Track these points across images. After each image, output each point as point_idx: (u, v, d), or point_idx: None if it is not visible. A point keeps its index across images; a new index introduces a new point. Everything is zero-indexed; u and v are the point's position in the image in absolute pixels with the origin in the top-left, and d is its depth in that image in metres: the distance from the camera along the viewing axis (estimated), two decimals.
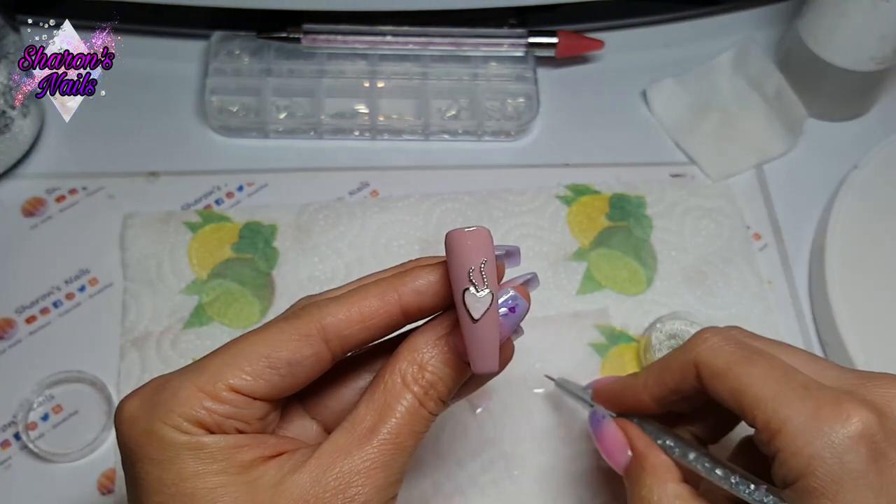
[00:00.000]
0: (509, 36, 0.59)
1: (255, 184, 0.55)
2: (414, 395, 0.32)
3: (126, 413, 0.31)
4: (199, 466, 0.30)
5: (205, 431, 0.31)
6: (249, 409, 0.31)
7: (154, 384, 0.32)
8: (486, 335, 0.31)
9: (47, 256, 0.52)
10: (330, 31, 0.58)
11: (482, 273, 0.30)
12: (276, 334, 0.32)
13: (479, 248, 0.30)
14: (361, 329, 0.32)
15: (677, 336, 0.49)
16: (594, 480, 0.46)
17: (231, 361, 0.31)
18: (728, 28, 0.64)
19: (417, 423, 0.32)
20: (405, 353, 0.33)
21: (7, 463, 0.46)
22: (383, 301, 0.32)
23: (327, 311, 0.32)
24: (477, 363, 0.31)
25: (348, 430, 0.32)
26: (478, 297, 0.30)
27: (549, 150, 0.58)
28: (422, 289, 0.32)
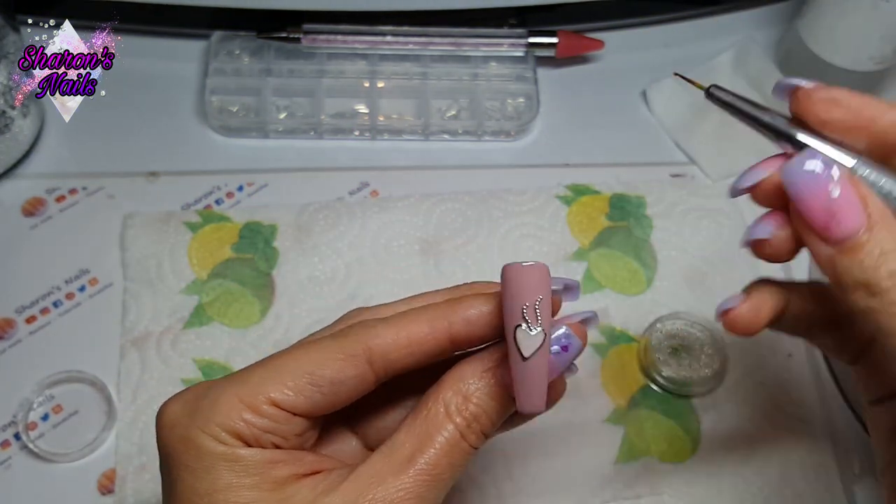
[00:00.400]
0: (509, 36, 0.59)
1: (255, 184, 0.55)
2: (456, 427, 0.31)
3: (166, 417, 0.31)
4: (234, 479, 0.30)
5: (242, 444, 0.30)
6: (288, 424, 0.31)
7: (196, 390, 0.32)
8: (535, 374, 0.30)
9: (47, 256, 0.52)
10: (330, 31, 0.58)
11: (536, 311, 0.30)
12: (322, 352, 0.31)
13: (535, 285, 0.30)
14: (408, 354, 0.32)
15: (677, 336, 0.50)
16: (595, 480, 0.46)
17: (274, 375, 0.31)
18: (728, 28, 0.64)
19: (456, 456, 0.32)
20: (450, 383, 0.32)
21: (7, 463, 0.46)
22: (433, 328, 0.32)
23: (375, 333, 0.32)
24: (523, 402, 0.30)
25: (386, 456, 0.31)
26: (530, 335, 0.30)
27: (549, 150, 0.58)
28: (473, 319, 0.32)
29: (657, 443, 0.48)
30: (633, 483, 0.46)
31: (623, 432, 0.48)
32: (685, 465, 0.47)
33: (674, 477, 0.47)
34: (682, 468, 0.47)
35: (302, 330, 0.50)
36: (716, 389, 0.49)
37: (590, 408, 0.48)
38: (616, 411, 0.48)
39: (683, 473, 0.47)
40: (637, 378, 0.50)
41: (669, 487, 0.46)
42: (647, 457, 0.47)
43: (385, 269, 0.52)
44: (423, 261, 0.53)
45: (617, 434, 0.48)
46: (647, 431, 0.48)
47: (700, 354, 0.49)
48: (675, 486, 0.46)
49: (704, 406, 0.49)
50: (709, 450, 0.48)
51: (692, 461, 0.47)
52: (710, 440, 0.48)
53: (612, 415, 0.48)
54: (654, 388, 0.49)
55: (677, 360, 0.49)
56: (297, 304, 0.51)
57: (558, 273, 0.53)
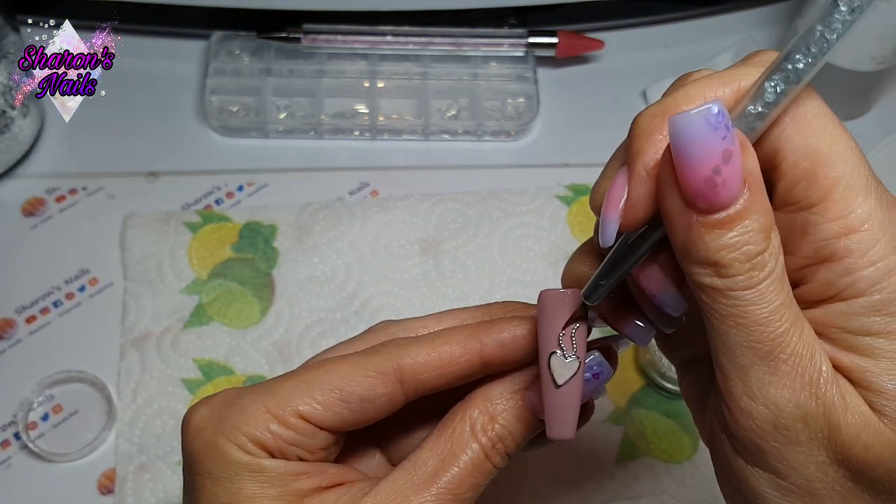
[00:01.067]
0: (509, 36, 0.59)
1: (255, 184, 0.55)
2: (481, 447, 0.31)
3: (193, 422, 0.31)
4: (257, 490, 0.30)
5: (267, 455, 0.30)
6: (314, 438, 0.31)
7: (225, 397, 0.32)
8: (568, 402, 0.30)
9: (47, 256, 0.52)
10: (330, 31, 0.58)
11: (573, 338, 0.29)
12: (352, 367, 0.31)
13: (571, 313, 0.29)
14: (439, 375, 0.31)
15: None
16: (595, 480, 0.46)
17: (304, 388, 0.31)
18: (728, 28, 0.64)
19: (479, 476, 0.31)
20: (478, 402, 0.32)
21: (7, 463, 0.46)
22: (465, 349, 0.31)
23: (406, 353, 0.31)
24: (553, 429, 0.30)
25: (409, 472, 0.31)
26: (564, 363, 0.29)
27: (549, 150, 0.58)
28: (506, 342, 0.31)
29: (657, 443, 0.48)
30: (633, 483, 0.46)
31: (623, 432, 0.48)
32: (685, 465, 0.47)
33: (674, 477, 0.47)
34: (682, 468, 0.47)
35: (302, 330, 0.50)
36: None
37: None
38: (616, 411, 0.48)
39: (683, 473, 0.47)
40: (637, 378, 0.50)
41: (669, 487, 0.46)
42: (647, 457, 0.47)
43: (385, 269, 0.52)
44: (423, 261, 0.53)
45: (617, 434, 0.48)
46: (647, 431, 0.48)
47: None
48: (675, 486, 0.46)
49: None
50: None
51: (692, 461, 0.47)
52: None
53: (612, 415, 0.48)
54: (653, 388, 0.49)
55: None
56: (297, 303, 0.51)
57: (559, 273, 0.53)
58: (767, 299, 0.25)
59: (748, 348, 0.25)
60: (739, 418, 0.26)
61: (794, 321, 0.25)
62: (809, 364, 0.25)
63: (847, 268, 0.25)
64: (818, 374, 0.25)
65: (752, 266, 0.25)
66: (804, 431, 0.26)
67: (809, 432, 0.26)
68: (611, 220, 0.27)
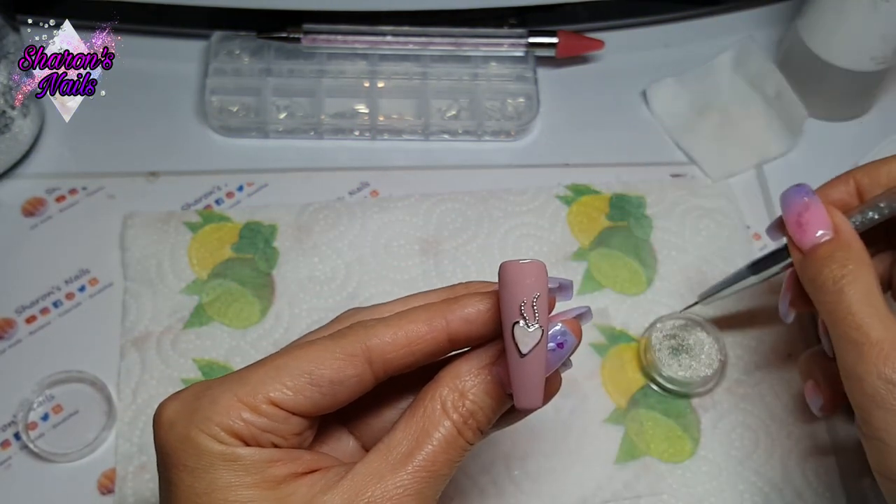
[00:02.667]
0: (509, 36, 0.59)
1: (255, 184, 0.55)
2: (452, 423, 0.32)
3: (165, 416, 0.31)
4: (232, 478, 0.30)
5: (241, 443, 0.31)
6: (287, 424, 0.31)
7: (195, 389, 0.32)
8: (533, 370, 0.30)
9: (47, 256, 0.52)
10: (330, 31, 0.58)
11: (534, 307, 0.30)
12: (321, 352, 0.32)
13: (533, 282, 0.30)
14: (406, 353, 0.32)
15: (677, 336, 0.49)
16: (595, 480, 0.46)
17: (273, 375, 0.31)
18: (728, 28, 0.64)
19: (453, 452, 0.32)
20: (447, 380, 0.32)
21: (7, 463, 0.46)
22: (430, 327, 0.32)
23: (374, 333, 0.32)
24: (521, 398, 0.31)
25: (383, 454, 0.31)
26: (527, 332, 0.30)
27: (549, 150, 0.58)
28: (470, 317, 0.32)
29: (657, 443, 0.48)
30: (633, 483, 0.46)
31: (623, 432, 0.48)
32: (685, 465, 0.47)
33: (674, 477, 0.47)
34: (682, 468, 0.47)
35: (302, 330, 0.50)
36: (716, 389, 0.49)
37: (590, 408, 0.48)
38: (616, 411, 0.48)
39: (683, 473, 0.47)
40: (637, 378, 0.50)
41: (669, 487, 0.46)
42: (647, 457, 0.47)
43: (385, 269, 0.52)
44: (423, 261, 0.53)
45: (617, 434, 0.48)
46: (647, 431, 0.48)
47: (700, 354, 0.49)
48: (675, 486, 0.46)
49: (704, 406, 0.49)
50: (709, 450, 0.48)
51: (692, 461, 0.47)
52: (710, 440, 0.48)
53: (612, 415, 0.48)
54: (654, 388, 0.49)
55: (677, 360, 0.49)
56: (297, 303, 0.51)
57: (558, 273, 0.53)
58: None
59: None
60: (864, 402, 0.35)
61: None
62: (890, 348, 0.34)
63: None
64: None
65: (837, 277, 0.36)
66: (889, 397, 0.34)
67: None
68: None
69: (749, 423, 0.48)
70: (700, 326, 0.50)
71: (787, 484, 0.47)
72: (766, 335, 0.51)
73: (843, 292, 0.36)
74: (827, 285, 0.36)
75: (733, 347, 0.50)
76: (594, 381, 0.49)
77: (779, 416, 0.49)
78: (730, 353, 0.50)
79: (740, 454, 0.47)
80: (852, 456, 0.48)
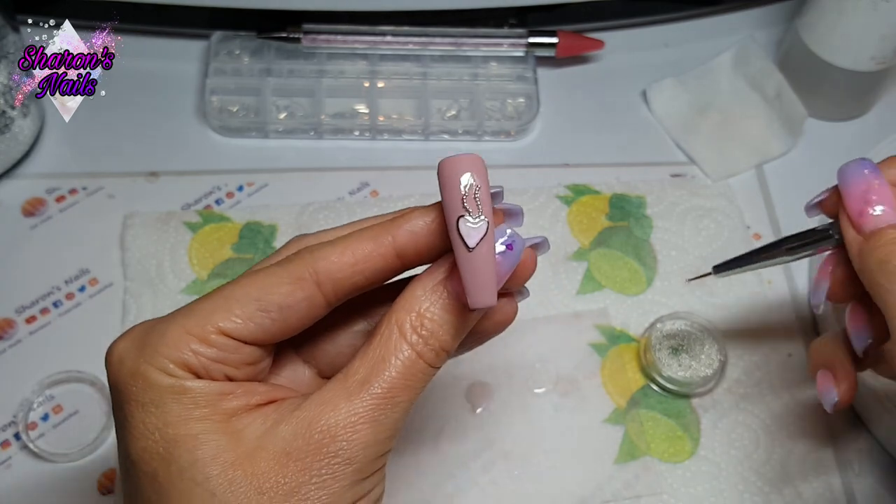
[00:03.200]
0: (509, 36, 0.59)
1: (255, 184, 0.55)
2: (411, 346, 0.31)
3: (115, 354, 0.31)
4: (183, 412, 0.30)
5: (191, 375, 0.30)
6: (239, 353, 0.31)
7: (144, 326, 0.31)
8: (483, 265, 0.29)
9: (47, 256, 0.52)
10: (330, 31, 0.58)
11: (476, 200, 0.29)
12: (268, 277, 0.31)
13: (472, 174, 0.29)
14: (355, 273, 0.31)
15: (677, 336, 0.49)
16: (595, 480, 0.46)
17: (221, 304, 0.31)
18: (728, 28, 0.64)
19: (413, 377, 0.31)
20: (402, 303, 0.31)
21: (7, 463, 0.46)
22: (377, 244, 0.31)
23: (320, 255, 0.31)
24: (473, 296, 0.30)
25: (340, 382, 0.31)
26: (473, 226, 0.29)
27: (549, 150, 0.58)
28: (416, 229, 0.31)
29: (657, 443, 0.48)
30: (633, 483, 0.46)
31: (623, 432, 0.48)
32: (685, 465, 0.47)
33: (674, 477, 0.47)
34: (682, 468, 0.47)
35: None
36: (716, 389, 0.49)
37: (590, 408, 0.48)
38: (616, 411, 0.48)
39: (683, 473, 0.47)
40: (637, 378, 0.50)
41: (669, 487, 0.46)
42: (647, 457, 0.47)
43: None
44: None
45: (617, 434, 0.48)
46: (647, 431, 0.48)
47: (700, 354, 0.49)
48: (675, 486, 0.46)
49: (704, 406, 0.49)
50: (709, 450, 0.48)
51: (692, 461, 0.47)
52: (710, 440, 0.48)
53: (612, 415, 0.48)
54: (654, 388, 0.49)
55: (677, 360, 0.49)
56: None
57: (559, 273, 0.53)
58: None
59: None
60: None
61: None
62: None
63: None
64: None
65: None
66: None
67: None
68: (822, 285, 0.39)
69: (749, 423, 0.48)
70: (700, 326, 0.50)
71: (787, 484, 0.47)
72: (766, 335, 0.51)
73: None
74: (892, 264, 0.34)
75: (733, 347, 0.50)
76: (594, 381, 0.49)
77: (779, 416, 0.49)
78: (730, 353, 0.50)
79: (740, 454, 0.47)
80: (852, 455, 0.48)
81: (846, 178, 0.36)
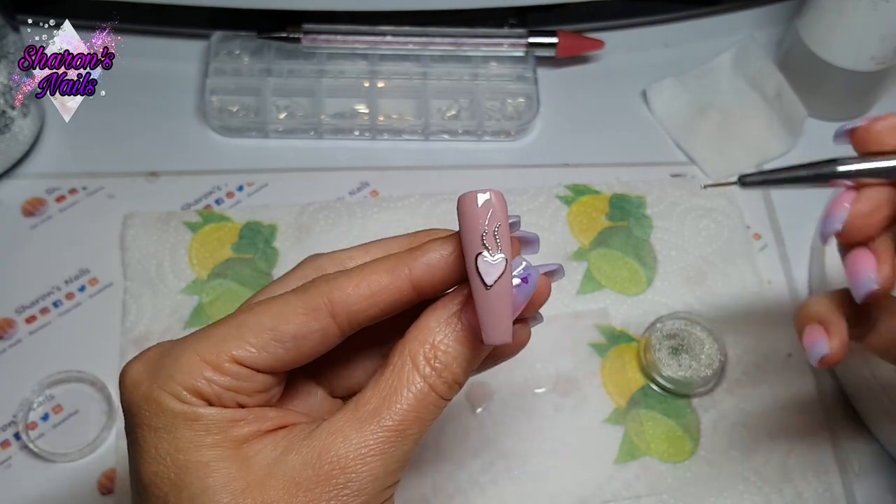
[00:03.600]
0: (509, 36, 0.59)
1: (255, 184, 0.55)
2: (424, 379, 0.31)
3: (129, 377, 0.31)
4: (194, 438, 0.30)
5: (203, 402, 0.30)
6: (251, 381, 0.31)
7: (158, 349, 0.31)
8: (500, 302, 0.29)
9: (47, 256, 0.52)
10: (330, 31, 0.58)
11: (496, 237, 0.29)
12: (283, 306, 0.31)
13: (493, 212, 0.29)
14: (371, 305, 0.31)
15: (677, 336, 0.49)
16: (595, 480, 0.46)
17: (235, 332, 0.30)
18: (728, 28, 0.64)
19: (425, 409, 0.31)
20: (415, 333, 0.31)
21: (7, 463, 0.46)
22: (394, 276, 0.31)
23: (336, 285, 0.31)
24: (489, 333, 0.29)
25: (351, 412, 0.30)
26: (491, 262, 0.29)
27: (549, 150, 0.58)
28: (433, 262, 0.31)
29: (657, 443, 0.48)
30: (633, 483, 0.46)
31: (623, 432, 0.48)
32: (685, 465, 0.47)
33: (674, 477, 0.47)
34: (682, 468, 0.47)
35: None
36: (716, 389, 0.49)
37: (590, 408, 0.48)
38: (616, 411, 0.48)
39: (683, 473, 0.47)
40: (637, 378, 0.50)
41: (669, 487, 0.46)
42: (647, 457, 0.47)
43: None
44: None
45: (617, 434, 0.48)
46: (647, 431, 0.48)
47: (700, 354, 0.49)
48: (675, 486, 0.46)
49: (704, 406, 0.49)
50: (709, 450, 0.48)
51: (692, 461, 0.47)
52: (710, 440, 0.48)
53: (612, 415, 0.48)
54: (654, 388, 0.49)
55: (677, 360, 0.49)
56: None
57: None
58: None
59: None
60: None
61: None
62: None
63: None
64: None
65: None
66: None
67: None
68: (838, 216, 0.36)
69: (749, 423, 0.48)
70: (700, 326, 0.50)
71: (786, 484, 0.47)
72: (766, 335, 0.51)
73: None
74: None
75: (733, 347, 0.50)
76: (594, 381, 0.49)
77: (779, 417, 0.49)
78: (730, 353, 0.50)
79: (740, 454, 0.47)
80: (852, 455, 0.48)
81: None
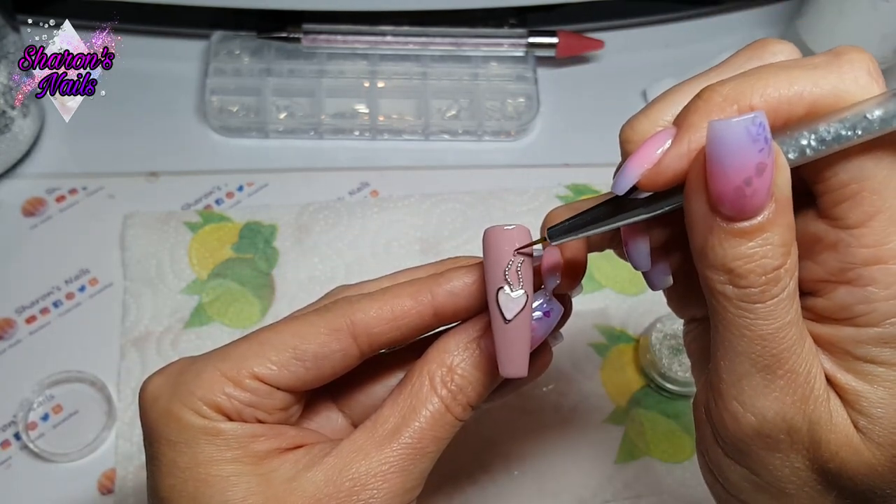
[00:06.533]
0: (509, 36, 0.59)
1: (255, 184, 0.55)
2: (440, 400, 0.31)
3: (149, 391, 0.31)
4: (214, 453, 0.30)
5: (223, 418, 0.30)
6: (271, 398, 0.31)
7: (179, 365, 0.32)
8: (517, 337, 0.30)
9: (47, 256, 0.52)
10: (330, 31, 0.58)
11: (518, 273, 0.30)
12: (305, 326, 0.31)
13: (517, 249, 0.30)
14: (392, 328, 0.32)
15: (677, 336, 0.49)
16: (595, 480, 0.46)
17: (257, 350, 0.31)
18: (728, 28, 0.64)
19: (441, 429, 0.31)
20: (435, 355, 0.32)
21: (7, 463, 0.46)
22: (416, 301, 0.32)
23: (358, 308, 0.32)
24: (505, 366, 0.30)
25: (370, 430, 0.31)
26: (511, 297, 0.30)
27: (549, 150, 0.58)
28: (456, 290, 0.32)
29: (657, 443, 0.48)
30: (633, 483, 0.46)
31: (623, 432, 0.48)
32: (685, 465, 0.47)
33: (674, 477, 0.47)
34: (682, 468, 0.47)
35: None
36: None
37: (590, 408, 0.48)
38: (616, 411, 0.48)
39: (683, 473, 0.47)
40: (637, 378, 0.50)
41: (669, 487, 0.46)
42: (647, 457, 0.47)
43: (385, 269, 0.52)
44: (423, 261, 0.52)
45: (617, 434, 0.48)
46: (647, 431, 0.48)
47: None
48: (674, 486, 0.46)
49: None
50: None
51: (692, 461, 0.47)
52: None
53: (612, 415, 0.48)
54: (653, 388, 0.49)
55: (677, 360, 0.49)
56: (297, 303, 0.51)
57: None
58: (776, 315, 0.25)
59: (748, 359, 0.26)
60: (726, 419, 0.27)
61: (797, 339, 0.25)
62: (804, 382, 0.26)
63: (867, 296, 0.26)
64: (811, 391, 0.26)
65: (766, 280, 0.25)
66: (786, 441, 0.26)
67: (791, 443, 0.26)
68: (632, 171, 0.27)
69: None
70: None
71: None
72: None
73: (770, 304, 0.25)
74: (750, 277, 0.24)
75: None
76: (594, 381, 0.49)
77: None
78: None
79: None
80: None
81: (730, 149, 0.24)
